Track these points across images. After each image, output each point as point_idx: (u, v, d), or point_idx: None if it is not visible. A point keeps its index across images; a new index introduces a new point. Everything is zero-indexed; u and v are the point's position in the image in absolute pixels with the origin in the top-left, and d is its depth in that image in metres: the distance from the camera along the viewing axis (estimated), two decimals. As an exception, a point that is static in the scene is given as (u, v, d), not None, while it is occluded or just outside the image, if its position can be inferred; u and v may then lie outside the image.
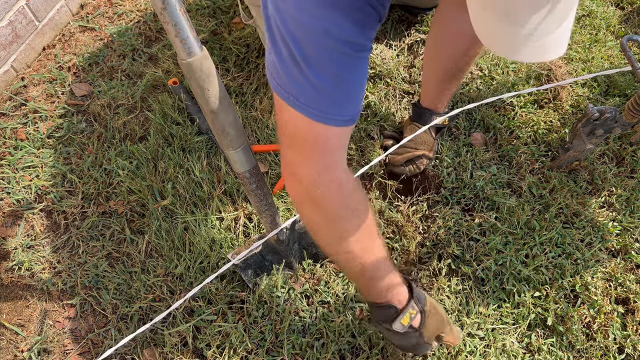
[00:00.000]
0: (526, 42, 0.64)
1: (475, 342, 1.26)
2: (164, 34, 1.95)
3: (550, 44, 0.64)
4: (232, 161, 0.99)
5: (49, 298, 1.41)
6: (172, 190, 1.52)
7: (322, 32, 0.75)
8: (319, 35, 0.76)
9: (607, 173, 1.51)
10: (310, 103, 0.81)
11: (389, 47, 1.84)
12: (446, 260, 1.38)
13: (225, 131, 0.91)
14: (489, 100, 1.38)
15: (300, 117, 0.83)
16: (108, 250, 1.46)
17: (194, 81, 0.82)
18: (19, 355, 1.32)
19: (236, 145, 0.94)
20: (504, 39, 0.65)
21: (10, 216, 1.54)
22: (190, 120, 1.68)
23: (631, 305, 1.32)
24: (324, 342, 1.26)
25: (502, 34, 0.65)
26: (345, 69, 0.81)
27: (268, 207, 1.12)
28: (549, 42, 0.64)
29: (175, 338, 1.30)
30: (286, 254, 1.34)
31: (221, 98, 0.86)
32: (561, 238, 1.40)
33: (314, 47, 0.77)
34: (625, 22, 1.97)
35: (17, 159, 1.63)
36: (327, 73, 0.79)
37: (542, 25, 0.62)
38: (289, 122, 0.86)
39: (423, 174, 1.57)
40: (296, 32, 0.76)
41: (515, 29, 0.63)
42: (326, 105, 0.82)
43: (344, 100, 0.84)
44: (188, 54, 0.79)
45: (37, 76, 1.84)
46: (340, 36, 0.77)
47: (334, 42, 0.77)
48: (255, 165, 1.01)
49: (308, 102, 0.81)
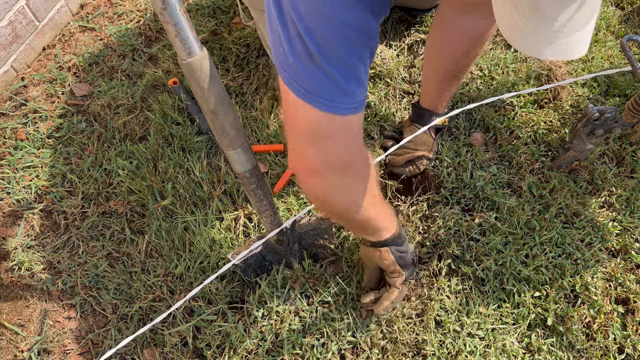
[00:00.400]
0: (554, 40, 0.64)
1: (475, 342, 1.26)
2: (164, 34, 1.95)
3: (575, 42, 0.65)
4: (232, 161, 0.99)
5: (49, 298, 1.41)
6: (172, 190, 1.52)
7: (338, 22, 0.77)
8: (336, 25, 0.77)
9: (607, 173, 1.51)
10: (327, 96, 0.83)
11: (389, 47, 1.84)
12: (446, 260, 1.38)
13: (225, 131, 0.91)
14: (489, 100, 1.38)
15: (321, 115, 0.85)
16: (108, 250, 1.46)
17: (194, 81, 0.82)
18: (19, 355, 1.32)
19: (236, 145, 0.94)
20: (531, 36, 0.66)
21: (10, 216, 1.54)
22: (190, 120, 1.68)
23: (631, 305, 1.32)
24: (324, 342, 1.26)
25: (530, 31, 0.65)
26: (358, 57, 0.83)
27: (268, 207, 1.12)
28: (574, 40, 0.65)
29: (175, 338, 1.30)
30: (286, 254, 1.34)
31: (221, 98, 0.86)
32: (561, 238, 1.40)
33: (331, 39, 0.78)
34: (625, 22, 1.97)
35: (17, 159, 1.63)
36: (341, 63, 0.81)
37: (571, 21, 0.63)
38: (307, 121, 0.87)
39: (423, 174, 1.57)
40: (312, 24, 0.77)
41: (545, 26, 0.63)
42: (341, 96, 0.85)
43: (356, 87, 0.86)
44: (188, 54, 0.79)
45: (37, 76, 1.84)
46: (357, 26, 0.78)
47: (350, 31, 0.78)
48: (255, 165, 1.01)
49: (326, 97, 0.83)
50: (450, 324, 1.28)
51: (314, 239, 1.37)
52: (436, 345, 1.25)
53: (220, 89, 0.86)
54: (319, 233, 1.35)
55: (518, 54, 1.82)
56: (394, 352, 1.24)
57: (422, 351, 1.26)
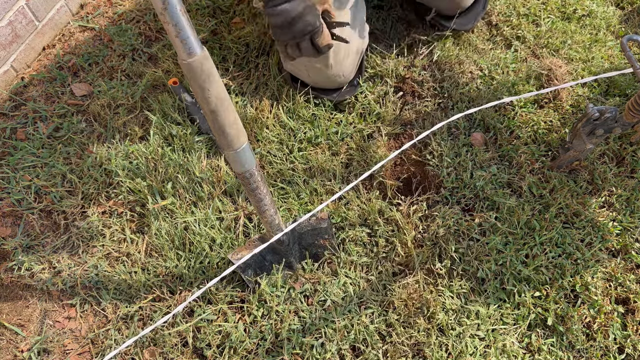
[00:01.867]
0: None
1: (476, 343, 1.26)
2: (164, 34, 1.95)
3: None
4: (232, 161, 0.99)
5: (49, 298, 1.41)
6: (172, 190, 1.52)
7: None
8: None
9: (607, 173, 1.51)
10: None
11: (389, 47, 1.84)
12: (446, 260, 1.38)
13: (225, 131, 0.91)
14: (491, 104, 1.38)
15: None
16: (108, 250, 1.46)
17: (194, 82, 0.82)
18: (19, 355, 1.32)
19: (236, 145, 0.94)
20: None
21: (10, 216, 1.54)
22: (190, 120, 1.68)
23: (631, 305, 1.32)
24: (323, 342, 1.26)
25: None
26: None
27: (268, 208, 1.12)
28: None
29: (175, 338, 1.30)
30: (286, 254, 1.34)
31: (221, 98, 0.86)
32: (561, 238, 1.40)
33: None
34: (625, 22, 1.97)
35: (17, 159, 1.63)
36: None
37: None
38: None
39: (423, 174, 1.57)
40: None
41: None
42: None
43: None
44: (188, 55, 0.79)
45: (37, 76, 1.84)
46: None
47: None
48: (255, 165, 1.01)
49: None
50: (450, 324, 1.28)
51: (314, 238, 1.37)
52: (436, 346, 1.25)
53: (221, 89, 0.86)
54: (319, 233, 1.35)
55: (518, 54, 1.82)
56: (394, 353, 1.24)
57: (422, 352, 1.26)
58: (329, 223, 1.35)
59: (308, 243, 1.38)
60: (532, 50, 1.85)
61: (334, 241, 1.39)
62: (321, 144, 1.62)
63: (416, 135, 1.64)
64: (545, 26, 1.90)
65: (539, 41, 1.86)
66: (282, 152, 1.60)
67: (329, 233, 1.37)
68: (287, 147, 1.61)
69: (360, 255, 1.41)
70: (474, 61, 1.79)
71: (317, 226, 1.33)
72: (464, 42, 1.85)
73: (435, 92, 1.73)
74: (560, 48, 1.83)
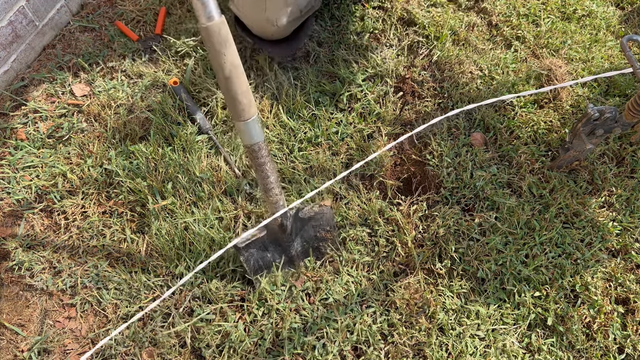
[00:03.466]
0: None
1: (476, 343, 1.26)
2: (164, 34, 1.94)
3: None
4: (241, 132, 1.02)
5: (49, 298, 1.41)
6: (172, 190, 1.52)
7: None
8: None
9: (607, 173, 1.51)
10: None
11: (389, 47, 1.85)
12: (446, 260, 1.38)
13: (238, 99, 0.95)
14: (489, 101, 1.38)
15: None
16: (108, 250, 1.46)
17: (211, 45, 0.88)
18: (19, 355, 1.32)
19: (247, 115, 0.98)
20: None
21: (10, 216, 1.54)
22: (190, 120, 1.68)
23: (631, 305, 1.32)
24: (325, 342, 1.26)
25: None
26: None
27: (274, 186, 1.14)
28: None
29: (173, 339, 1.29)
30: (288, 246, 1.33)
31: (236, 65, 0.92)
32: (561, 238, 1.40)
33: None
34: (625, 22, 1.97)
35: (17, 159, 1.63)
36: None
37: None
38: None
39: (423, 174, 1.57)
40: None
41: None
42: None
43: None
44: (207, 19, 0.85)
45: (37, 76, 1.84)
46: None
47: None
48: (264, 139, 1.04)
49: None
50: (451, 324, 1.28)
51: (315, 230, 1.36)
52: (436, 346, 1.25)
53: (235, 57, 0.92)
54: (320, 224, 1.35)
55: (518, 54, 1.82)
56: (396, 354, 1.24)
57: (422, 352, 1.26)
58: (330, 213, 1.34)
59: (310, 236, 1.37)
60: (532, 50, 1.85)
61: (335, 234, 1.38)
62: (321, 143, 1.62)
63: (416, 134, 1.64)
64: (545, 26, 1.90)
65: (539, 41, 1.86)
66: (282, 152, 1.60)
67: (331, 225, 1.37)
68: (288, 147, 1.61)
69: (362, 254, 1.41)
70: (474, 61, 1.79)
71: (320, 213, 1.33)
72: (464, 42, 1.85)
73: (435, 92, 1.73)
74: (560, 48, 1.83)
